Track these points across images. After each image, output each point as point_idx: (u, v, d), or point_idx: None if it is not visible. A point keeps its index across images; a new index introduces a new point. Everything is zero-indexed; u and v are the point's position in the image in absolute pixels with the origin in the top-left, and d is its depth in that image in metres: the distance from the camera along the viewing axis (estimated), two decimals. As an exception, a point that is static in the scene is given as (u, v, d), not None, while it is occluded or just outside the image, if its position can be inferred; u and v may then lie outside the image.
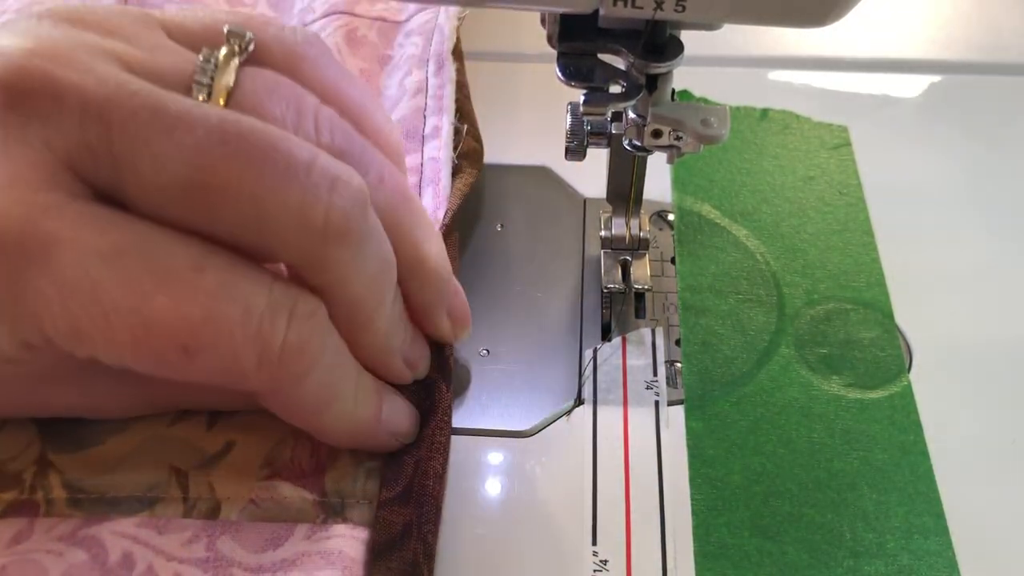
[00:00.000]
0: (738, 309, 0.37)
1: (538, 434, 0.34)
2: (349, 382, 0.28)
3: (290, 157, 0.24)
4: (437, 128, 0.40)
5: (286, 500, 0.29)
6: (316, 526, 0.29)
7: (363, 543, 0.28)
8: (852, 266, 0.39)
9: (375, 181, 0.28)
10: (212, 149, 0.23)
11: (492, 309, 0.38)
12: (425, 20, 0.46)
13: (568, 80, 0.29)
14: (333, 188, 0.25)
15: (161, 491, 0.29)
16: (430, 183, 0.38)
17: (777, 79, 0.49)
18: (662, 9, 0.26)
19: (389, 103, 0.43)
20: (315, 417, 0.28)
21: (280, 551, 0.28)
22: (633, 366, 0.36)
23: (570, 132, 0.34)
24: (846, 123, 0.45)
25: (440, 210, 0.37)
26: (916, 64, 0.50)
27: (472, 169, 0.39)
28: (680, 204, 0.41)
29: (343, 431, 0.29)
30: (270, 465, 0.30)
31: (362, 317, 0.27)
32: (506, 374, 0.36)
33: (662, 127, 0.31)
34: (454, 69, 0.42)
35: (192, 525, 0.28)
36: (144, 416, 0.31)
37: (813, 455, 0.33)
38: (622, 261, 0.38)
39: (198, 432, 0.31)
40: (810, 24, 0.27)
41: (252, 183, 0.23)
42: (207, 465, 0.30)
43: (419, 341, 0.31)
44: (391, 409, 0.30)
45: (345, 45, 0.45)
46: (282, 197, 0.24)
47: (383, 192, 0.28)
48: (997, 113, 0.47)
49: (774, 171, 0.43)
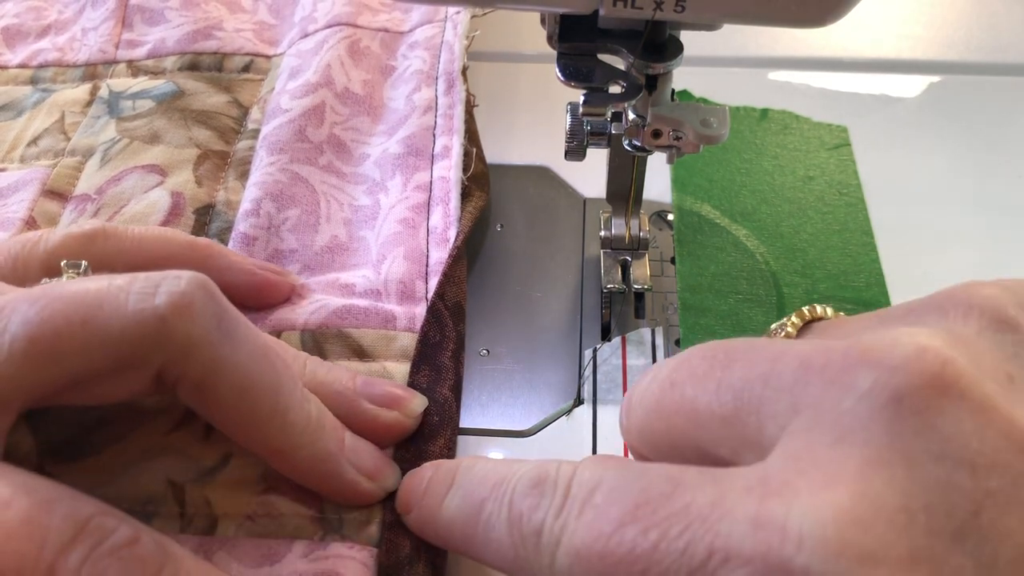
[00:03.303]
0: (738, 309, 0.37)
1: (538, 434, 0.34)
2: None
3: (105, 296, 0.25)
4: (447, 148, 0.40)
5: (283, 516, 0.29)
6: (314, 543, 0.28)
7: (361, 564, 0.28)
8: (852, 266, 0.39)
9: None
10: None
11: (492, 309, 0.38)
12: (431, 35, 0.46)
13: (568, 80, 0.29)
14: (159, 286, 0.25)
15: (158, 505, 0.29)
16: (440, 202, 0.38)
17: (777, 79, 0.49)
18: (662, 9, 0.26)
19: (395, 116, 0.43)
20: (276, 442, 0.27)
21: (277, 568, 0.28)
22: (633, 366, 0.36)
23: (570, 132, 0.34)
24: (846, 123, 0.45)
25: (451, 230, 0.37)
26: (916, 64, 0.50)
27: (481, 192, 0.40)
28: (680, 204, 0.41)
29: (305, 458, 0.28)
30: (267, 479, 0.29)
31: (262, 406, 0.27)
32: (506, 374, 0.36)
33: (662, 127, 0.31)
34: (464, 89, 0.42)
35: (188, 541, 0.28)
36: (141, 424, 0.31)
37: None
38: (622, 261, 0.38)
39: (194, 442, 0.30)
40: (810, 24, 0.27)
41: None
42: (204, 478, 0.29)
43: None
44: (354, 441, 0.29)
45: (348, 57, 0.45)
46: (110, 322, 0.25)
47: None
48: (997, 113, 0.47)
49: (774, 171, 0.43)
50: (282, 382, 0.27)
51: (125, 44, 0.48)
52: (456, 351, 0.34)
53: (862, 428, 0.19)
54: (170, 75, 0.45)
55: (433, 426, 0.32)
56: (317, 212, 0.39)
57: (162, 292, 0.25)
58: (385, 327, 0.34)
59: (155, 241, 0.32)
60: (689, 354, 0.23)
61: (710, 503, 0.20)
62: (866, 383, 0.19)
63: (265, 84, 0.46)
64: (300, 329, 0.34)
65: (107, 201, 0.39)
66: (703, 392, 0.22)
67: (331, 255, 0.38)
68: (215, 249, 0.34)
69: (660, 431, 0.23)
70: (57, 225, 0.39)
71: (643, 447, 0.25)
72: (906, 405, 0.19)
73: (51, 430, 0.30)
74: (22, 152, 0.43)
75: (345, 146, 0.42)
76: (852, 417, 0.19)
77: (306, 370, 0.31)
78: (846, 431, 0.19)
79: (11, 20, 0.50)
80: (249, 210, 0.38)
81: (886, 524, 0.18)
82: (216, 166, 0.41)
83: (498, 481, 0.25)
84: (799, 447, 0.19)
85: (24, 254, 0.30)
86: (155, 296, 0.25)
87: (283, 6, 0.51)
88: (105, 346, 0.25)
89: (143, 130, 0.42)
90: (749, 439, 0.21)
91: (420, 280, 0.36)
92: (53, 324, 0.24)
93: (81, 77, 0.47)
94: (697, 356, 0.23)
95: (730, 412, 0.21)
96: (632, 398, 0.25)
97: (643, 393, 0.24)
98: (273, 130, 0.41)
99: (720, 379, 0.22)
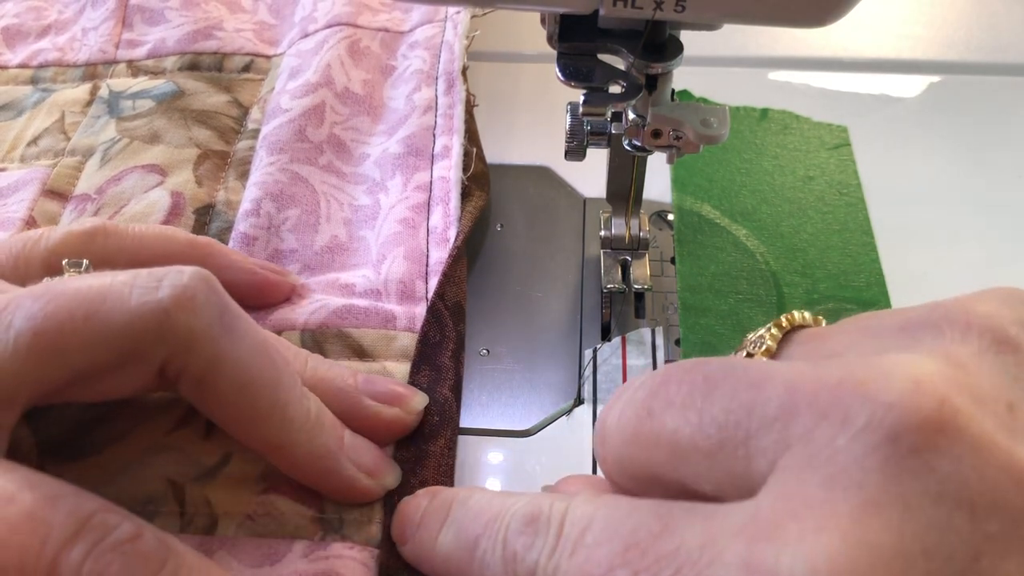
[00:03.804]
0: (738, 309, 0.37)
1: (538, 434, 0.34)
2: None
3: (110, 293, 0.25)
4: (447, 148, 0.40)
5: (283, 516, 0.29)
6: (314, 544, 0.28)
7: (361, 564, 0.28)
8: (852, 266, 0.39)
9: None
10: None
11: (492, 309, 0.38)
12: (431, 35, 0.46)
13: (568, 80, 0.29)
14: (162, 280, 0.25)
15: (158, 505, 0.29)
16: (440, 202, 0.38)
17: (777, 79, 0.49)
18: (662, 9, 0.26)
19: (396, 116, 0.43)
20: (275, 438, 0.28)
21: (277, 567, 0.28)
22: (633, 366, 0.36)
23: (570, 132, 0.34)
24: (846, 123, 0.45)
25: (451, 230, 0.37)
26: (916, 64, 0.50)
27: (481, 192, 0.40)
28: (680, 204, 0.41)
29: (304, 454, 0.28)
30: (267, 479, 0.29)
31: (261, 401, 0.27)
32: (506, 374, 0.36)
33: (662, 127, 0.31)
34: (464, 89, 0.43)
35: (188, 540, 0.28)
36: (142, 423, 0.31)
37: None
38: (622, 261, 0.38)
39: (195, 441, 0.30)
40: (810, 24, 0.27)
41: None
42: (204, 478, 0.29)
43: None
44: (353, 439, 0.29)
45: (348, 57, 0.45)
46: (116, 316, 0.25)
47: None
48: (997, 113, 0.47)
49: (774, 171, 0.43)
50: (282, 378, 0.27)
51: (125, 44, 0.48)
52: (456, 351, 0.34)
53: (857, 468, 0.18)
54: (170, 75, 0.46)
55: (433, 426, 0.32)
56: (317, 212, 0.39)
57: (165, 286, 0.25)
58: (385, 327, 0.34)
59: (156, 239, 0.32)
60: (665, 378, 0.22)
61: (700, 545, 0.19)
62: (860, 420, 0.18)
63: (265, 84, 0.46)
64: (300, 329, 0.34)
65: (107, 201, 0.39)
66: (684, 423, 0.21)
67: (331, 255, 0.38)
68: (215, 248, 0.34)
69: (639, 462, 0.23)
70: (57, 225, 0.39)
71: (622, 478, 0.24)
72: (902, 444, 0.18)
73: (51, 429, 0.30)
74: (22, 152, 0.43)
75: (345, 146, 0.42)
76: (846, 455, 0.18)
77: (307, 367, 0.31)
78: (840, 470, 0.18)
79: (11, 20, 0.50)
80: (249, 210, 0.38)
81: (883, 571, 0.17)
82: (216, 166, 0.41)
83: (492, 517, 0.24)
84: (790, 486, 0.19)
85: (25, 252, 0.30)
86: (158, 290, 0.25)
87: (283, 6, 0.51)
88: (109, 340, 0.25)
89: (143, 130, 0.42)
90: (736, 474, 0.20)
91: (420, 280, 0.36)
92: (57, 318, 0.24)
93: (81, 77, 0.47)
94: (674, 380, 0.22)
95: (715, 446, 0.20)
96: (606, 424, 0.24)
97: (618, 420, 0.23)
98: (273, 130, 0.41)
99: (702, 409, 0.21)
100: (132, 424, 0.31)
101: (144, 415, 0.31)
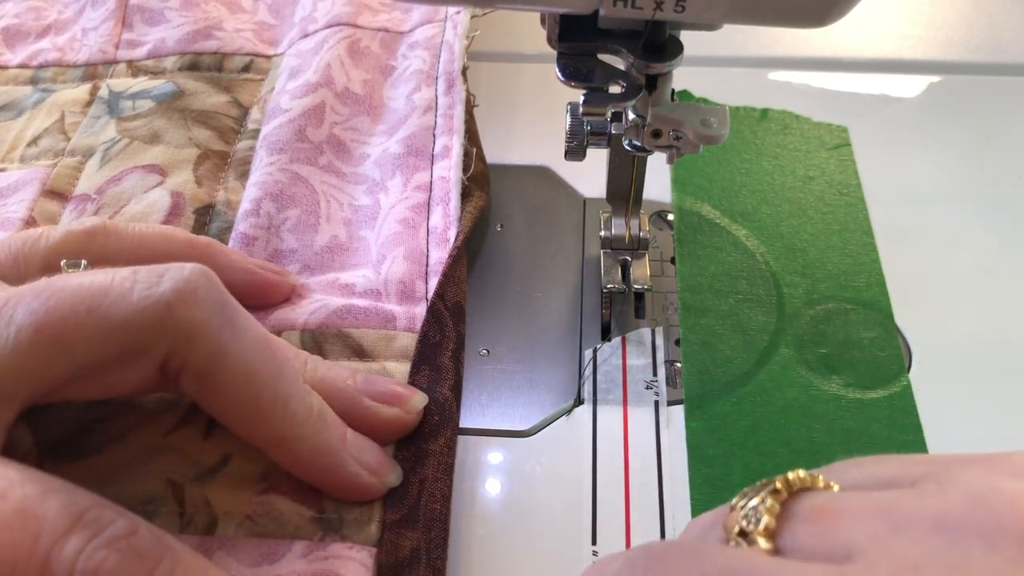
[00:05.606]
0: (738, 309, 0.37)
1: (538, 434, 0.34)
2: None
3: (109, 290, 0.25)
4: (447, 148, 0.40)
5: (283, 516, 0.29)
6: (314, 543, 0.28)
7: (361, 564, 0.28)
8: (852, 266, 0.39)
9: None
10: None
11: (492, 309, 0.38)
12: (431, 35, 0.46)
13: (568, 80, 0.29)
14: (163, 275, 0.26)
15: (158, 505, 0.29)
16: (440, 202, 0.38)
17: (777, 79, 0.49)
18: (662, 9, 0.26)
19: (395, 116, 0.43)
20: (277, 432, 0.28)
21: (276, 567, 0.28)
22: (633, 366, 0.36)
23: (570, 132, 0.34)
24: (846, 123, 0.45)
25: (451, 230, 0.37)
26: (916, 64, 0.50)
27: (482, 192, 0.40)
28: (680, 204, 0.41)
29: (306, 449, 0.28)
30: (267, 479, 0.29)
31: (264, 395, 0.27)
32: (506, 374, 0.36)
33: (662, 127, 0.31)
34: (464, 89, 0.43)
35: (188, 540, 0.28)
36: (141, 423, 0.31)
37: (813, 455, 0.33)
38: (622, 261, 0.38)
39: (195, 442, 0.30)
40: (810, 24, 0.27)
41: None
42: (204, 478, 0.29)
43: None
44: (356, 437, 0.29)
45: (348, 57, 0.45)
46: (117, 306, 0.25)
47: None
48: (996, 113, 0.47)
49: (774, 171, 0.43)
50: (283, 372, 0.27)
51: (125, 44, 0.48)
52: (456, 351, 0.34)
53: None
54: (170, 75, 0.45)
55: (433, 426, 0.32)
56: (317, 212, 0.39)
57: (167, 280, 0.25)
58: (385, 327, 0.34)
59: (155, 238, 0.32)
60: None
61: None
62: None
63: (265, 84, 0.46)
64: (300, 329, 0.34)
65: (107, 201, 0.39)
66: None
67: (331, 255, 0.38)
68: (215, 247, 0.34)
69: None
70: (57, 225, 0.39)
71: None
72: None
73: (51, 430, 0.30)
74: (22, 152, 0.43)
75: (345, 146, 0.42)
76: None
77: (307, 368, 0.31)
78: None
79: (11, 20, 0.50)
80: (249, 210, 0.38)
81: None
82: (216, 166, 0.41)
83: None
84: None
85: (25, 251, 0.30)
86: (160, 284, 0.25)
87: (283, 6, 0.51)
88: (111, 334, 0.25)
89: (143, 130, 0.42)
90: None
91: (420, 280, 0.36)
92: (59, 313, 0.24)
93: (81, 77, 0.47)
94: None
95: None
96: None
97: None
98: (273, 130, 0.41)
99: None
100: (132, 424, 0.31)
101: (144, 416, 0.31)
